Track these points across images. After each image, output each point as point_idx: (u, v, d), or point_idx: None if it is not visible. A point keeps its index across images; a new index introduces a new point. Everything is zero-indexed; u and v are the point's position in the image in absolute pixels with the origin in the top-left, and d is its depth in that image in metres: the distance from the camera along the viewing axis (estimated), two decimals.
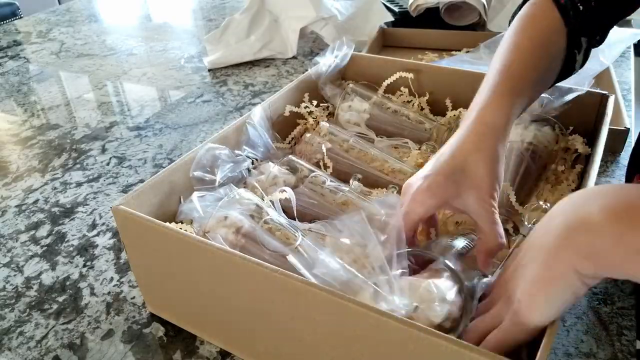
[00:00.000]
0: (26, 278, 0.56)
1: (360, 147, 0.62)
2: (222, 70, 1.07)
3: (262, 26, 1.12)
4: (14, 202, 0.69)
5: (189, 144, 0.80)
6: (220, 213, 0.46)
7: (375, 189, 0.57)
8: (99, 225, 0.64)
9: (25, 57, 1.20)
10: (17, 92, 1.02)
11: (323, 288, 0.35)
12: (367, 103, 0.69)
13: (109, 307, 0.52)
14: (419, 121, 0.67)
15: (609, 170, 0.69)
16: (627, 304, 0.49)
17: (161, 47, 1.23)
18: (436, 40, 1.08)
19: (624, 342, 0.45)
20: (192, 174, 0.52)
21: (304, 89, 0.70)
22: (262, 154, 0.60)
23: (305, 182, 0.55)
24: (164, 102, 0.95)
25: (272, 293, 0.38)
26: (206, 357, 0.46)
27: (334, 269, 0.36)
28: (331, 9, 1.09)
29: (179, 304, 0.48)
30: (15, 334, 0.49)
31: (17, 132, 0.87)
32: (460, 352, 0.31)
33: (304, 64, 1.08)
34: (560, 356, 0.44)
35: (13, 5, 1.86)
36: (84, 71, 1.11)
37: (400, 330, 0.33)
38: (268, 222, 0.47)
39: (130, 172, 0.74)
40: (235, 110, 0.90)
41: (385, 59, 0.75)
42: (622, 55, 1.03)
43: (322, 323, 0.37)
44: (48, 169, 0.76)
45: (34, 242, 0.61)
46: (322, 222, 0.51)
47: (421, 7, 1.12)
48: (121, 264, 0.57)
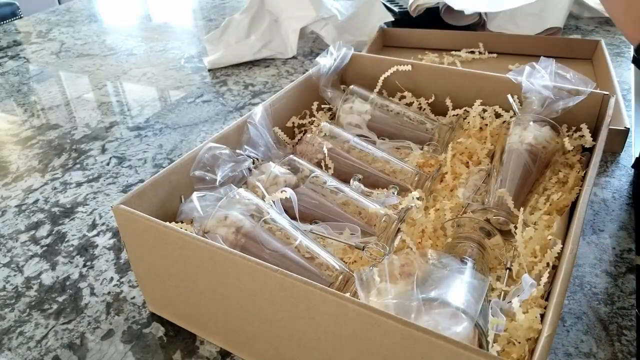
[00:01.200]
0: (26, 278, 0.56)
1: (361, 148, 0.62)
2: (222, 70, 1.07)
3: (262, 26, 1.12)
4: (14, 202, 0.69)
5: (189, 144, 0.80)
6: (220, 213, 0.46)
7: (376, 189, 0.57)
8: (99, 225, 0.64)
9: (25, 57, 1.20)
10: (17, 92, 1.02)
11: (323, 288, 0.35)
12: (368, 104, 0.69)
13: (109, 307, 0.52)
14: (420, 121, 0.67)
15: (609, 170, 0.69)
16: (627, 304, 0.49)
17: (161, 47, 1.23)
18: (436, 40, 1.09)
19: (624, 342, 0.45)
20: (192, 173, 0.52)
21: (304, 90, 0.70)
22: (262, 153, 0.60)
23: (306, 182, 0.55)
24: (164, 102, 0.95)
25: (272, 293, 0.38)
26: (206, 357, 0.46)
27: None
28: (331, 9, 1.09)
29: (179, 304, 0.48)
30: (15, 334, 0.49)
31: (17, 132, 0.87)
32: (460, 352, 0.31)
33: (304, 64, 1.08)
34: (560, 356, 0.44)
35: (13, 5, 1.85)
36: (84, 71, 1.11)
37: (401, 330, 0.33)
38: (268, 222, 0.47)
39: (130, 172, 0.74)
40: (235, 110, 0.90)
41: (385, 59, 0.75)
42: (622, 55, 1.04)
43: (322, 323, 0.37)
44: (48, 169, 0.76)
45: (34, 242, 0.61)
46: (324, 224, 0.51)
47: (421, 7, 1.13)
48: (121, 264, 0.57)
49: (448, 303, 0.37)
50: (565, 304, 0.49)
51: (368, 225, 0.51)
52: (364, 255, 0.48)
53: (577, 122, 0.61)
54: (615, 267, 0.53)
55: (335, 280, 0.43)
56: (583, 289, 0.51)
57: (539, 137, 0.56)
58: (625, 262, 0.54)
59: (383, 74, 0.74)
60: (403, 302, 0.36)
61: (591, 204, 0.62)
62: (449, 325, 0.36)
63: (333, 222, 0.52)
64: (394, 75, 0.74)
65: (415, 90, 0.73)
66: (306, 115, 0.71)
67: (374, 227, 0.51)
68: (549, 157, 0.57)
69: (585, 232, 0.58)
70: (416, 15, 1.14)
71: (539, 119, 0.58)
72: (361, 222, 0.52)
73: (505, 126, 0.65)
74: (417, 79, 0.72)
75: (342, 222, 0.52)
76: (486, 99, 0.67)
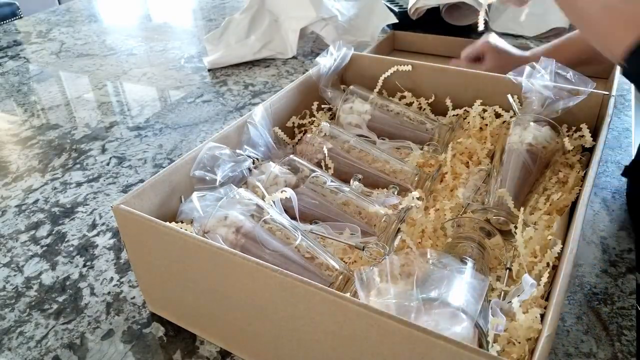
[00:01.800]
0: (26, 278, 0.56)
1: (362, 148, 0.62)
2: (222, 70, 1.07)
3: (262, 26, 1.12)
4: (14, 202, 0.69)
5: (189, 144, 0.80)
6: (220, 213, 0.46)
7: (376, 190, 0.57)
8: (99, 225, 0.64)
9: (25, 57, 1.20)
10: (17, 92, 1.02)
11: (323, 288, 0.35)
12: (368, 104, 0.69)
13: (109, 307, 0.52)
14: (420, 122, 0.67)
15: (609, 170, 0.69)
16: (627, 304, 0.49)
17: (161, 47, 1.23)
18: (448, 47, 1.06)
19: (624, 342, 0.45)
20: (192, 173, 0.52)
21: (304, 90, 0.70)
22: (263, 153, 0.60)
23: (306, 182, 0.55)
24: (164, 102, 0.95)
25: (272, 293, 0.38)
26: (206, 357, 0.46)
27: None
28: (332, 9, 1.09)
29: (179, 304, 0.48)
30: (15, 334, 0.49)
31: (17, 132, 0.87)
32: (460, 352, 0.31)
33: (304, 64, 1.08)
34: (561, 356, 0.44)
35: (13, 5, 1.86)
36: (84, 71, 1.11)
37: (401, 330, 0.33)
38: (268, 222, 0.47)
39: (130, 172, 0.74)
40: (235, 110, 0.90)
41: (385, 59, 0.75)
42: None
43: (321, 323, 0.37)
44: (48, 169, 0.76)
45: (34, 242, 0.61)
46: (324, 224, 0.51)
47: (421, 9, 1.12)
48: (121, 264, 0.57)
49: (448, 303, 0.37)
50: (565, 304, 0.49)
51: (368, 225, 0.51)
52: (364, 255, 0.48)
53: (577, 122, 0.61)
54: (615, 267, 0.53)
55: (335, 280, 0.43)
56: (583, 289, 0.51)
57: (539, 137, 0.56)
58: (625, 262, 0.54)
59: (383, 74, 0.74)
60: (403, 302, 0.36)
61: (591, 204, 0.62)
62: (449, 325, 0.36)
63: (333, 222, 0.52)
64: (394, 75, 0.74)
65: (415, 90, 0.73)
66: (306, 115, 0.71)
67: (374, 227, 0.51)
68: (549, 157, 0.57)
69: (585, 232, 0.58)
70: (416, 18, 1.14)
71: (539, 119, 0.58)
72: (361, 222, 0.52)
73: (505, 126, 0.66)
74: (417, 79, 0.72)
75: (342, 222, 0.51)
76: (486, 99, 0.67)
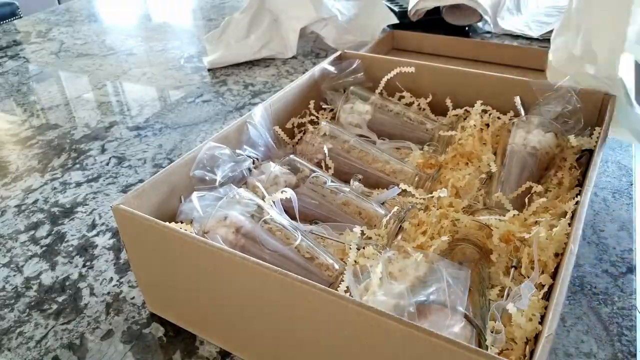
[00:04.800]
0: (26, 278, 0.56)
1: (362, 148, 0.62)
2: (222, 70, 1.07)
3: (262, 26, 1.12)
4: (13, 202, 0.69)
5: (189, 144, 0.80)
6: (220, 213, 0.46)
7: (376, 190, 0.57)
8: (99, 225, 0.64)
9: (24, 57, 1.20)
10: (16, 92, 1.02)
11: (322, 288, 0.35)
12: (368, 105, 0.69)
13: (108, 307, 0.52)
14: (421, 122, 0.67)
15: (609, 170, 0.69)
16: (627, 304, 0.49)
17: (161, 47, 1.23)
18: (447, 47, 1.06)
19: (624, 342, 0.45)
20: (192, 173, 0.52)
21: (304, 90, 0.70)
22: (262, 153, 0.60)
23: (306, 182, 0.55)
24: (164, 102, 0.95)
25: (272, 293, 0.38)
26: (206, 357, 0.46)
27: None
28: (332, 9, 1.09)
29: (179, 304, 0.48)
30: (15, 334, 0.49)
31: (17, 132, 0.87)
32: (460, 352, 0.31)
33: (304, 64, 1.08)
34: (561, 356, 0.44)
35: (13, 5, 1.86)
36: (84, 71, 1.11)
37: (401, 330, 0.33)
38: (268, 222, 0.47)
39: (130, 172, 0.74)
40: (235, 110, 0.90)
41: (387, 59, 0.75)
42: None
43: (321, 323, 0.37)
44: (47, 169, 0.76)
45: (34, 242, 0.61)
46: (324, 225, 0.51)
47: (421, 11, 1.12)
48: (121, 264, 0.57)
49: (445, 304, 0.37)
50: (566, 304, 0.49)
51: (368, 226, 0.51)
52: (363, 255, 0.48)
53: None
54: (615, 267, 0.53)
55: (335, 280, 0.43)
56: (583, 289, 0.51)
57: (543, 142, 0.56)
58: (625, 262, 0.54)
59: (385, 75, 0.74)
60: (401, 302, 0.36)
61: (591, 204, 0.62)
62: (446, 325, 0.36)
63: (333, 222, 0.52)
64: (395, 76, 0.73)
65: (415, 90, 0.73)
66: (306, 115, 0.71)
67: (374, 227, 0.51)
68: (550, 159, 0.57)
69: (585, 232, 0.58)
70: (416, 19, 1.13)
71: (542, 122, 0.58)
72: (361, 222, 0.52)
73: (507, 127, 0.65)
74: (417, 79, 0.72)
75: (342, 222, 0.51)
76: (487, 99, 0.67)
